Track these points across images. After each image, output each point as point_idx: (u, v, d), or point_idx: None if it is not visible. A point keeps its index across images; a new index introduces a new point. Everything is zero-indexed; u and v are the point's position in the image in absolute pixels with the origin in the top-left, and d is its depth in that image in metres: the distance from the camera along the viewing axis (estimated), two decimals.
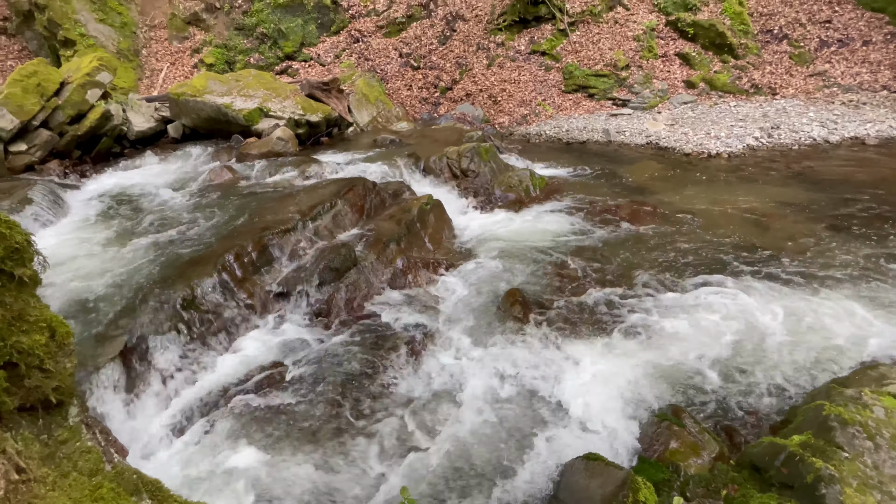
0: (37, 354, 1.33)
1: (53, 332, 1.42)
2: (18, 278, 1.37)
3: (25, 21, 9.11)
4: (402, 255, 3.82)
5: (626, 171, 6.28)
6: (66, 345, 1.45)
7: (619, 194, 5.51)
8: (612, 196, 5.42)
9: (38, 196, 5.03)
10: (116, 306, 3.28)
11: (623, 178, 6.11)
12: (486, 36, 9.14)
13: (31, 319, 1.37)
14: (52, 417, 1.37)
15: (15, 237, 1.37)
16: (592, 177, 6.16)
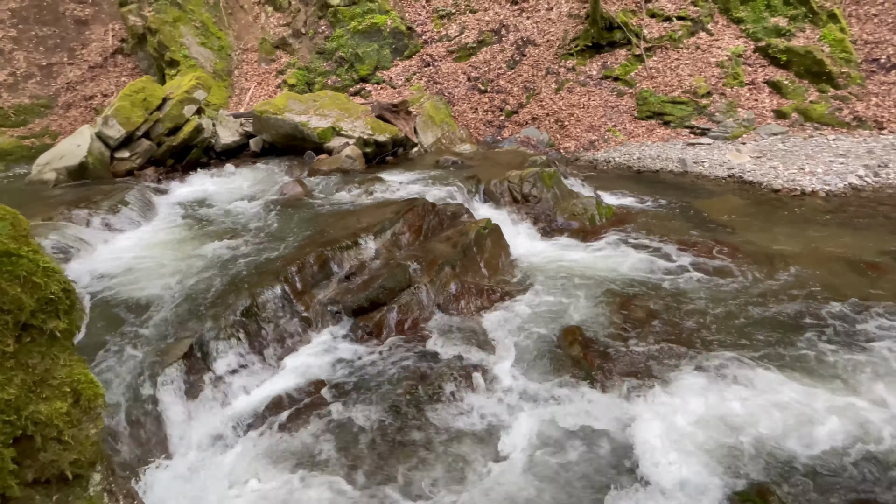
0: (55, 425, 1.20)
1: (78, 397, 1.29)
2: (50, 333, 1.27)
3: (139, 43, 10.33)
4: (457, 279, 3.71)
5: (704, 206, 5.79)
6: (92, 409, 1.31)
7: (696, 230, 5.05)
8: (687, 232, 4.98)
9: (133, 199, 5.53)
10: (185, 308, 3.44)
11: (700, 212, 5.63)
12: (556, 61, 9.03)
13: (55, 383, 1.25)
14: (69, 489, 1.23)
15: (51, 287, 1.26)
16: (665, 209, 5.73)
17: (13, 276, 1.17)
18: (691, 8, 8.61)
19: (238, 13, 10.81)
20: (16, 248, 1.21)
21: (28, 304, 1.18)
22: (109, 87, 10.50)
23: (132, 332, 3.23)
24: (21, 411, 1.13)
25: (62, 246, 4.25)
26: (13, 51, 10.50)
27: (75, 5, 11.40)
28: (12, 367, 1.14)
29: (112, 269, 4.11)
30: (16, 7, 11.04)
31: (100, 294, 3.72)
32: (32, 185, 6.63)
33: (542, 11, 9.52)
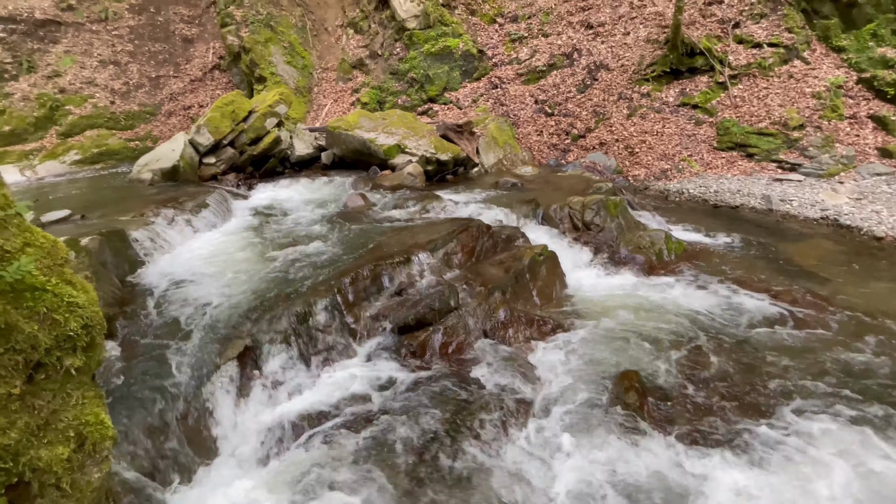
0: (54, 471, 1.12)
1: (83, 441, 1.20)
2: (65, 370, 1.21)
3: (234, 60, 11.34)
4: (506, 305, 3.58)
5: (791, 250, 5.21)
6: (97, 452, 1.24)
7: (779, 276, 4.54)
8: (769, 277, 4.48)
9: (213, 202, 5.98)
10: (245, 308, 3.61)
11: (786, 256, 5.07)
12: (629, 86, 8.71)
13: (60, 426, 1.18)
14: None
15: (71, 323, 1.21)
16: (744, 249, 5.22)
17: (33, 313, 1.13)
18: (785, 34, 7.98)
19: (322, 35, 11.59)
20: (43, 281, 1.19)
21: (44, 341, 1.14)
22: (205, 99, 11.60)
23: (194, 328, 3.42)
24: (20, 457, 1.06)
25: (148, 241, 4.66)
26: (128, 63, 11.96)
27: (184, 25, 12.82)
28: (17, 409, 1.08)
29: (186, 267, 4.42)
30: (134, 25, 12.62)
31: (171, 289, 4.01)
32: (132, 183, 7.40)
33: (617, 36, 9.27)
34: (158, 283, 4.10)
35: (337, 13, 11.79)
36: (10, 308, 1.10)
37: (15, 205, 1.25)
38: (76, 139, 10.53)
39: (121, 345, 3.39)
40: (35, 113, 10.59)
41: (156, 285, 4.06)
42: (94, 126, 10.82)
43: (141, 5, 12.99)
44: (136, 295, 3.94)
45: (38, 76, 11.17)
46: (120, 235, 4.38)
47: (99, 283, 3.68)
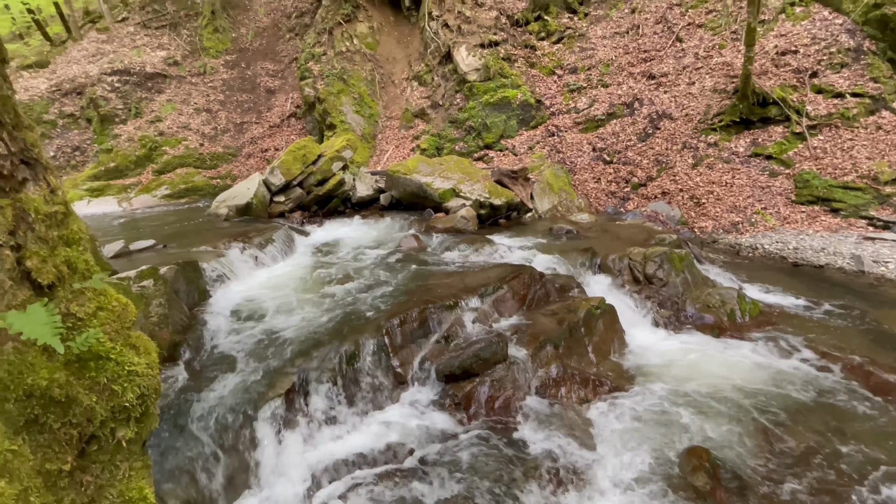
0: None
1: None
2: (116, 442, 1.17)
3: (309, 109, 12.35)
4: (559, 361, 3.38)
5: (886, 319, 4.57)
6: None
7: (874, 348, 3.97)
8: (860, 348, 3.94)
9: (279, 238, 6.34)
10: (296, 343, 3.69)
11: (881, 325, 4.45)
12: (694, 135, 8.42)
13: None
14: None
15: (128, 394, 1.18)
16: (831, 315, 4.66)
17: (94, 384, 1.12)
18: (870, 84, 7.44)
19: (389, 87, 12.42)
20: (108, 348, 1.19)
21: (100, 413, 1.11)
22: (281, 143, 12.65)
23: (249, 358, 3.54)
24: None
25: (218, 272, 4.98)
26: (218, 111, 13.40)
27: (269, 78, 14.27)
28: (65, 486, 1.03)
29: (248, 298, 4.65)
30: (227, 78, 14.22)
31: (233, 318, 4.21)
32: (209, 217, 8.08)
33: (681, 86, 9.11)
34: (222, 313, 4.32)
35: (403, 68, 12.64)
36: (73, 379, 1.09)
37: (95, 270, 1.31)
38: (168, 176, 11.79)
39: (180, 370, 3.57)
40: (137, 152, 12.04)
41: (220, 314, 4.29)
42: (184, 165, 12.09)
43: (234, 61, 14.69)
44: (202, 322, 4.17)
45: (143, 120, 12.79)
46: (193, 266, 4.72)
47: (171, 310, 3.94)
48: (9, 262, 1.04)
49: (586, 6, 11.44)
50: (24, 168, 1.10)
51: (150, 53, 14.04)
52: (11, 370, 0.99)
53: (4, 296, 1.02)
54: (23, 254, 1.04)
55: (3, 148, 1.03)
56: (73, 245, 1.21)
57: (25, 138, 1.12)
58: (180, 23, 15.17)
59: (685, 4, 10.05)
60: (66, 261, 1.17)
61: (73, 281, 1.17)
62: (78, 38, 15.15)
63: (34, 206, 1.08)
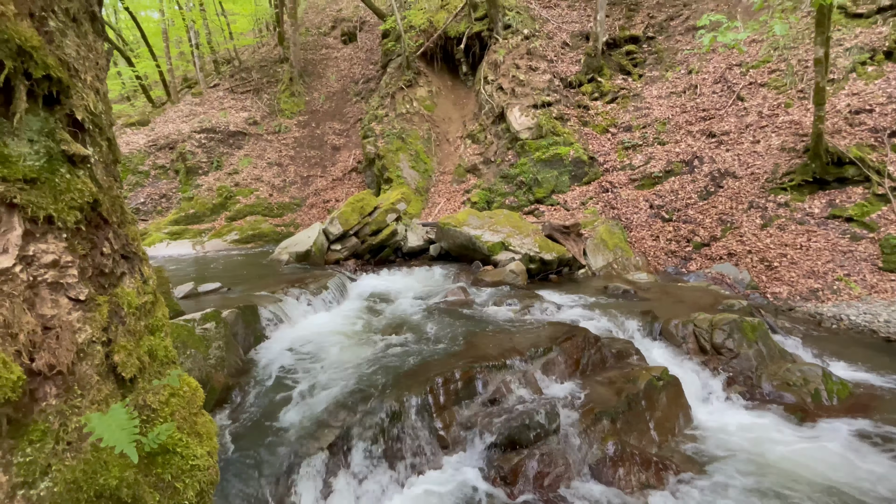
0: None
1: None
2: None
3: (369, 165, 13.13)
4: (616, 437, 3.10)
5: None
6: None
7: None
8: None
9: (333, 285, 6.56)
10: (343, 394, 3.68)
11: None
12: (762, 194, 7.99)
13: None
14: None
15: (188, 491, 1.14)
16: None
17: (159, 481, 1.10)
18: None
19: (444, 144, 13.02)
20: (176, 440, 1.19)
21: None
22: (341, 195, 13.44)
23: (296, 406, 3.56)
24: None
25: (274, 316, 5.19)
26: (288, 165, 14.58)
27: (335, 137, 15.47)
28: None
29: (301, 344, 4.77)
30: (298, 136, 15.56)
31: (285, 364, 4.30)
32: (271, 262, 8.56)
33: (745, 144, 8.79)
34: (275, 358, 4.44)
35: (458, 127, 13.26)
36: (141, 477, 1.07)
37: (173, 357, 1.36)
38: (238, 223, 12.77)
39: (231, 414, 3.65)
40: (214, 200, 13.22)
41: (272, 360, 4.41)
42: (253, 213, 13.09)
43: (305, 121, 16.13)
44: (255, 367, 4.30)
45: (222, 172, 14.14)
46: (252, 310, 4.95)
47: (228, 353, 4.11)
48: (98, 357, 1.11)
49: (640, 68, 11.61)
50: (124, 262, 1.22)
51: (234, 114, 15.76)
52: (87, 469, 1.00)
53: (90, 391, 1.07)
54: (112, 348, 1.13)
55: (108, 247, 1.16)
56: (157, 332, 1.30)
57: (128, 233, 1.25)
58: (262, 88, 17.04)
59: (745, 65, 9.92)
60: (149, 350, 1.26)
61: (153, 369, 1.25)
62: (176, 101, 17.39)
63: (128, 300, 1.19)
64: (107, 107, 1.28)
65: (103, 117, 1.25)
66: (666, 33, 11.76)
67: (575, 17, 13.10)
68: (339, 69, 17.97)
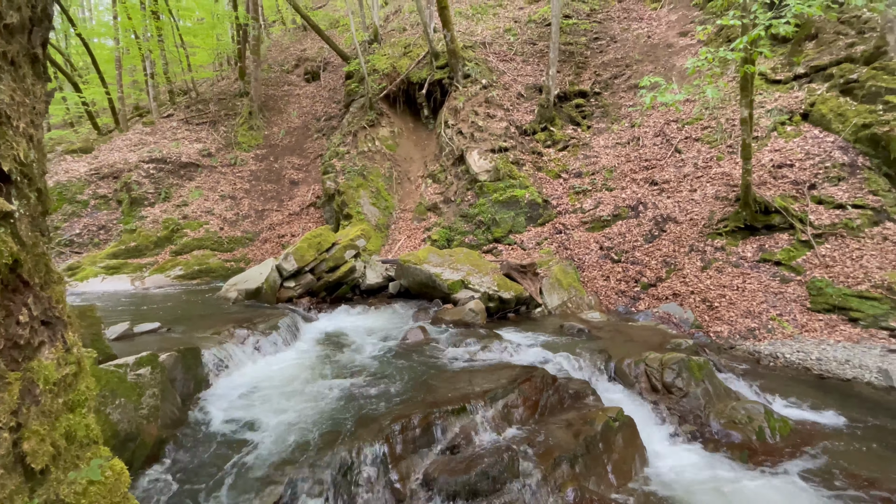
0: None
1: None
2: None
3: (328, 200, 12.99)
4: (576, 483, 3.05)
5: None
6: None
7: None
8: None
9: (284, 325, 6.25)
10: (289, 445, 3.43)
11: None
12: (701, 239, 8.58)
13: None
14: None
15: None
16: (869, 437, 4.28)
17: None
18: (870, 197, 7.71)
19: (405, 183, 13.18)
20: None
21: None
22: (298, 230, 13.12)
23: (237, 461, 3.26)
24: None
25: (218, 360, 4.84)
26: (242, 198, 14.15)
27: (294, 171, 15.28)
28: None
29: (245, 390, 4.45)
30: (255, 169, 15.24)
31: (226, 413, 3.98)
32: (218, 300, 8.08)
33: (684, 192, 9.52)
34: (216, 406, 4.10)
35: (419, 166, 13.52)
36: None
37: (95, 436, 1.22)
38: (184, 257, 12.09)
39: (163, 472, 3.29)
40: (159, 233, 12.50)
41: (214, 408, 4.07)
42: (201, 247, 12.46)
43: (263, 155, 15.88)
44: (194, 417, 3.94)
45: (170, 204, 13.48)
46: (194, 353, 4.60)
47: (163, 401, 3.76)
48: (5, 446, 0.98)
49: (589, 120, 12.48)
50: (44, 330, 1.09)
51: (188, 145, 15.28)
52: None
53: None
54: (21, 434, 0.98)
55: (26, 314, 1.02)
56: (78, 409, 1.16)
57: (52, 295, 1.13)
58: (220, 120, 16.73)
59: (681, 121, 10.91)
60: (67, 431, 1.11)
61: (71, 454, 1.09)
62: (124, 130, 16.67)
63: (45, 375, 1.05)
64: (40, 154, 1.17)
65: (34, 166, 1.14)
66: (611, 90, 12.79)
67: (529, 70, 14.02)
68: (301, 106, 18.04)
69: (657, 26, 14.03)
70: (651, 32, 13.86)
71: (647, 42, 13.53)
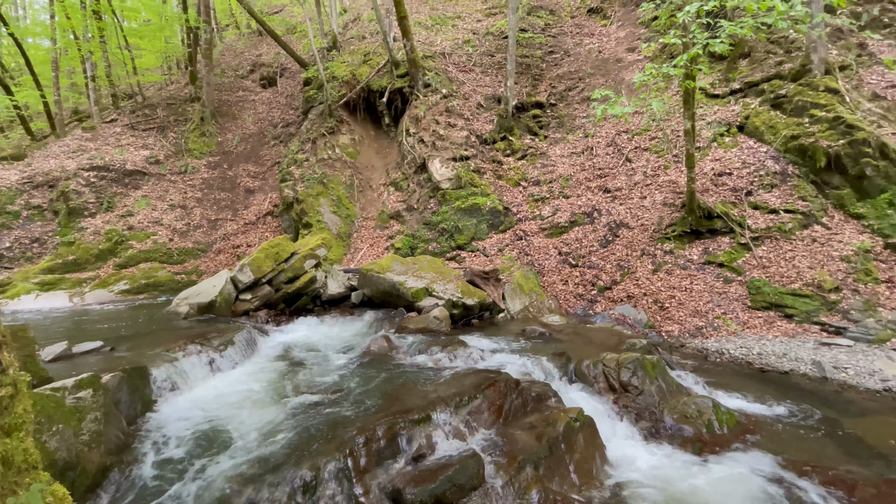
0: None
1: None
2: None
3: (286, 209, 12.65)
4: (540, 484, 3.11)
5: (858, 427, 4.58)
6: None
7: (854, 461, 3.90)
8: (842, 462, 3.86)
9: (240, 339, 6.00)
10: (245, 464, 3.29)
11: (854, 435, 4.43)
12: (651, 243, 9.03)
13: None
14: None
15: None
16: (805, 425, 4.63)
17: None
18: (800, 202, 8.41)
19: (367, 191, 13.06)
20: None
21: None
22: (254, 240, 12.68)
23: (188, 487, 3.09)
24: None
25: (168, 379, 4.58)
26: (194, 207, 13.53)
27: (250, 179, 14.78)
28: None
29: (198, 410, 4.23)
30: (207, 177, 14.63)
31: (178, 435, 3.76)
32: (168, 315, 7.65)
33: (634, 199, 10.00)
34: (166, 428, 3.88)
35: (381, 174, 13.45)
36: None
37: (34, 461, 1.12)
38: (129, 270, 11.38)
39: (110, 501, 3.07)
40: (100, 245, 11.72)
41: (163, 430, 3.84)
42: (149, 259, 11.77)
43: (217, 163, 15.28)
44: (140, 440, 3.70)
45: (114, 215, 12.69)
46: (141, 372, 4.33)
47: (107, 426, 3.51)
48: None
49: (545, 130, 12.90)
50: None
51: (133, 152, 14.47)
52: None
53: None
54: None
55: None
56: (15, 433, 1.07)
57: None
58: (168, 126, 15.96)
59: (631, 132, 11.48)
60: (3, 456, 1.02)
61: (8, 480, 1.00)
62: (62, 135, 15.57)
63: None
64: None
65: None
66: (566, 101, 13.29)
67: (488, 81, 14.33)
68: (257, 112, 17.53)
69: (607, 42, 14.75)
70: (602, 48, 14.55)
71: (599, 57, 14.19)
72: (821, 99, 8.86)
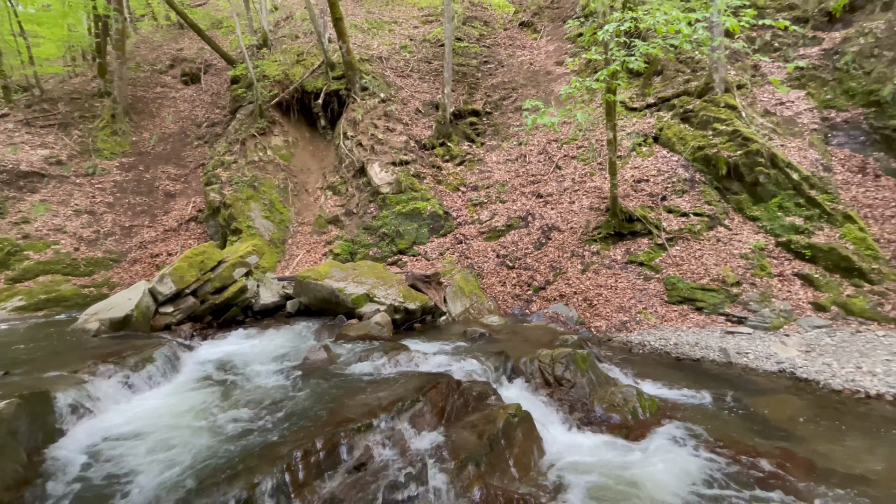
0: None
1: None
2: None
3: (213, 214, 11.87)
4: (481, 481, 3.19)
5: (759, 405, 5.21)
6: None
7: (757, 435, 4.42)
8: (747, 436, 4.36)
9: (160, 357, 5.52)
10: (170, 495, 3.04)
11: (756, 412, 5.03)
12: (580, 245, 9.61)
13: None
14: None
15: None
16: (715, 406, 5.17)
17: None
18: (706, 206, 9.38)
19: (302, 195, 12.61)
20: None
21: None
22: (175, 248, 11.74)
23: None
24: None
25: (75, 404, 4.11)
26: (104, 213, 12.27)
27: (169, 182, 13.69)
28: None
29: (113, 435, 3.85)
30: (120, 180, 13.35)
31: (89, 465, 3.40)
32: (74, 333, 6.85)
33: (564, 204, 10.59)
34: (74, 459, 3.48)
35: (318, 178, 13.06)
36: None
37: None
38: (25, 284, 10.06)
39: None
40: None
41: (71, 461, 3.45)
42: (49, 272, 10.48)
43: (131, 164, 13.98)
44: (44, 473, 3.29)
45: (5, 221, 11.16)
46: (42, 398, 3.86)
47: (2, 458, 3.09)
48: None
49: (482, 137, 13.28)
50: None
51: (29, 151, 12.85)
52: None
53: None
54: None
55: None
56: None
57: None
58: (72, 123, 14.36)
59: (560, 141, 12.15)
60: None
61: None
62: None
63: None
64: None
65: None
66: (500, 110, 13.78)
67: (426, 88, 14.48)
68: (178, 110, 16.30)
69: (538, 55, 15.51)
70: (533, 60, 15.27)
71: (530, 68, 14.88)
72: (721, 114, 9.96)
